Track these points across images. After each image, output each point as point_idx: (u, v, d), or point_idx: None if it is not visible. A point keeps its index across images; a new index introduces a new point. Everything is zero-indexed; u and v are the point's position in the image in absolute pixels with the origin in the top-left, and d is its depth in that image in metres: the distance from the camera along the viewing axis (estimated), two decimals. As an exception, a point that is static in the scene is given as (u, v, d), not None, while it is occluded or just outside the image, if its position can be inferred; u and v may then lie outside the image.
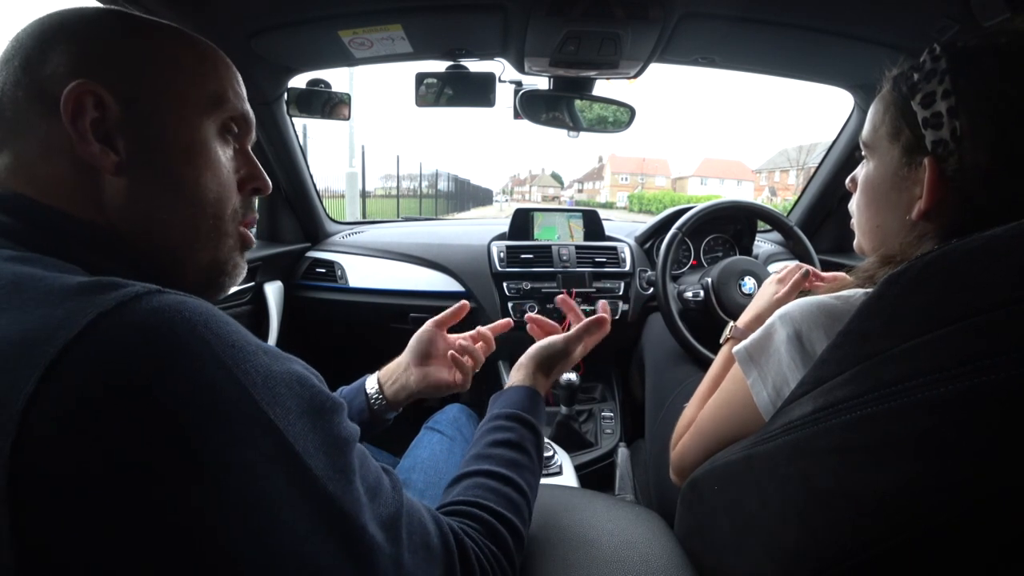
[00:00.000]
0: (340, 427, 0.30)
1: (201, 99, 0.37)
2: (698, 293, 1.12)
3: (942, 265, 0.30)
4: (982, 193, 0.38)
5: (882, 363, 0.31)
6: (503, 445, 0.47)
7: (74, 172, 0.33)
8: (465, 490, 0.43)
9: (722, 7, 0.85)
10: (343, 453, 0.30)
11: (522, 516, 0.43)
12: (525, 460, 0.47)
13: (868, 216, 0.50)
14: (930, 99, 0.40)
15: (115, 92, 0.34)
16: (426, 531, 0.34)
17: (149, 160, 0.35)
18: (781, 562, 0.35)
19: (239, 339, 0.27)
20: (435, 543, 0.34)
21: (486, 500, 0.42)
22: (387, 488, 0.32)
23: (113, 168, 0.34)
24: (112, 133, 0.34)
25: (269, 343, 0.47)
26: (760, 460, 0.40)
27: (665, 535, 0.52)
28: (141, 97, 0.35)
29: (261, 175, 0.43)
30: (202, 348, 0.25)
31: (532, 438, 0.50)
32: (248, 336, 0.28)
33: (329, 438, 0.29)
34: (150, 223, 0.36)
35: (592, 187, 72.41)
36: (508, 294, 1.29)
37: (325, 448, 0.28)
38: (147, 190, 0.35)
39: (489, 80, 1.06)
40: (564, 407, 1.17)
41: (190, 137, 0.37)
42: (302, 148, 1.30)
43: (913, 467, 0.28)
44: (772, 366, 0.45)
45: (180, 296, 0.26)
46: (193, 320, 0.25)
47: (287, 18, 0.88)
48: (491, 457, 0.46)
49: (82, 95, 0.32)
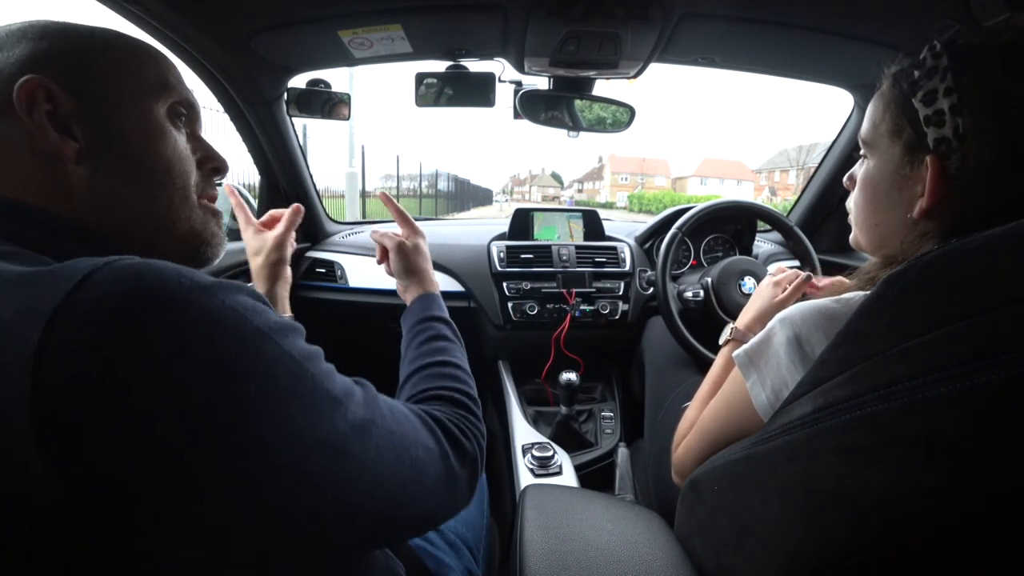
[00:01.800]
0: (308, 343, 0.33)
1: (145, 85, 0.40)
2: (698, 293, 1.12)
3: (942, 265, 0.30)
4: (984, 191, 0.38)
5: (882, 363, 0.31)
6: (427, 343, 0.56)
7: (37, 166, 0.35)
8: (414, 386, 0.50)
9: (722, 7, 0.85)
10: (320, 357, 0.33)
11: (462, 379, 0.52)
12: (447, 344, 0.56)
13: (867, 214, 0.50)
14: (932, 96, 0.40)
15: (64, 85, 0.36)
16: (406, 415, 0.39)
17: (109, 144, 0.37)
18: (781, 562, 0.35)
19: (206, 277, 0.28)
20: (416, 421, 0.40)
21: (432, 384, 0.50)
22: (358, 392, 0.35)
23: (75, 156, 0.36)
24: (69, 123, 0.36)
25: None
26: (760, 460, 0.40)
27: (665, 535, 0.52)
28: (89, 88, 0.37)
29: (217, 155, 0.45)
30: (185, 284, 0.27)
31: (442, 326, 0.59)
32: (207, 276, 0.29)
33: (307, 346, 0.32)
34: (119, 203, 0.38)
35: (592, 187, 72.40)
36: (508, 294, 1.29)
37: (309, 352, 0.32)
38: (111, 172, 0.37)
39: (489, 80, 1.06)
40: (564, 407, 1.17)
41: (143, 119, 0.39)
42: (302, 148, 1.29)
43: (913, 467, 0.28)
44: (771, 369, 0.45)
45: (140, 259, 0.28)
46: (165, 268, 0.27)
47: (287, 18, 0.87)
48: (421, 355, 0.54)
49: (33, 89, 0.34)
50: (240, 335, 0.27)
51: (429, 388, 0.49)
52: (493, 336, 1.32)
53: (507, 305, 1.28)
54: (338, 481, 0.30)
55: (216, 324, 0.26)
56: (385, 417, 0.36)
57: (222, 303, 0.27)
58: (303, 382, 0.29)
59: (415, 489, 0.36)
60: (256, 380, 0.27)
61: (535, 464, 0.95)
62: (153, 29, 0.80)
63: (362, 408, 0.33)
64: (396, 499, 0.34)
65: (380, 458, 0.33)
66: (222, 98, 1.07)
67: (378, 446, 0.33)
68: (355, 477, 0.31)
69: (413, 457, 0.36)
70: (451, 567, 0.60)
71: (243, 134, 1.18)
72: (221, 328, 0.27)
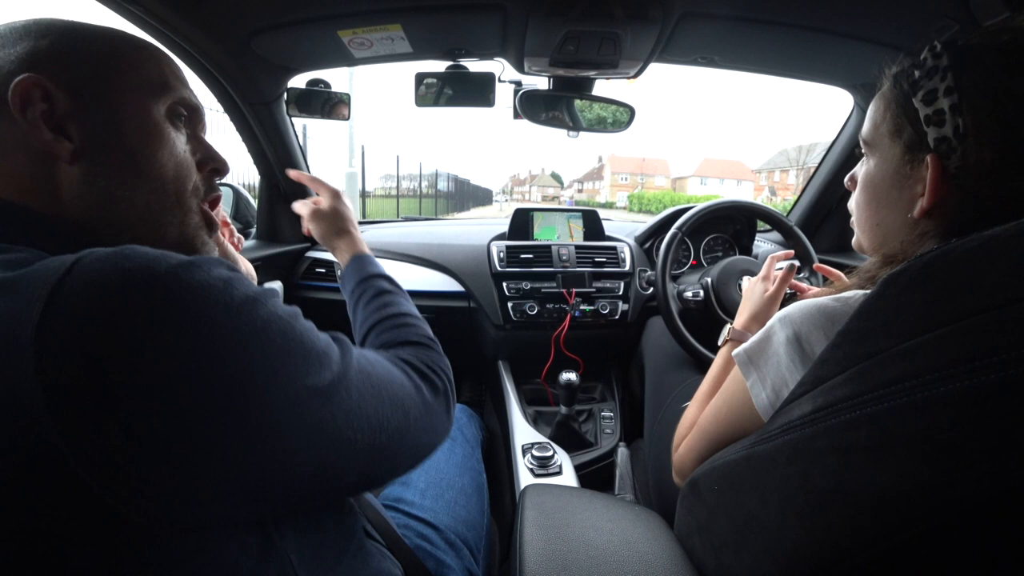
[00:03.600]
0: (285, 304, 0.34)
1: (144, 84, 0.39)
2: (698, 293, 1.12)
3: (942, 265, 0.30)
4: (985, 190, 0.38)
5: (882, 363, 0.31)
6: (372, 299, 0.59)
7: (31, 165, 0.35)
8: (372, 343, 0.53)
9: (722, 7, 0.85)
10: (299, 316, 0.34)
11: (416, 326, 0.55)
12: (391, 297, 0.59)
13: (868, 214, 0.50)
14: (932, 96, 0.40)
15: (62, 84, 0.35)
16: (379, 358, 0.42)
17: (104, 144, 0.37)
18: (781, 562, 0.35)
19: (185, 256, 0.29)
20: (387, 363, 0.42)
21: (391, 337, 0.53)
22: (334, 345, 0.37)
23: (69, 156, 0.35)
24: (64, 123, 0.36)
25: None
26: (760, 460, 0.40)
27: (665, 535, 0.52)
28: (87, 87, 0.36)
29: (217, 156, 0.45)
30: (170, 260, 0.28)
31: (382, 281, 0.61)
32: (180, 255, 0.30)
33: (287, 308, 0.33)
34: (111, 206, 0.37)
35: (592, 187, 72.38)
36: (508, 294, 1.29)
37: (291, 312, 0.33)
38: (105, 173, 0.37)
39: (489, 80, 1.06)
40: (564, 407, 1.16)
41: (141, 119, 0.38)
42: (302, 148, 1.29)
43: (913, 467, 0.28)
44: (771, 368, 0.45)
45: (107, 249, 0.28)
46: (147, 250, 0.28)
47: (287, 18, 0.87)
48: (370, 314, 0.57)
49: (28, 88, 0.34)
50: (229, 303, 0.28)
51: (389, 341, 0.52)
52: (493, 336, 1.32)
53: (507, 305, 1.28)
54: (332, 423, 0.32)
55: (205, 294, 0.28)
56: (361, 363, 0.38)
57: (208, 274, 0.29)
58: (292, 339, 0.31)
59: (400, 421, 0.39)
60: (253, 340, 0.29)
61: (535, 464, 0.95)
62: (153, 29, 0.80)
63: (341, 357, 0.35)
64: (385, 433, 0.37)
65: (363, 399, 0.35)
66: (222, 98, 1.07)
67: (359, 388, 0.35)
68: (346, 416, 0.33)
69: (392, 394, 0.39)
70: (451, 567, 0.60)
71: (243, 134, 1.18)
72: (211, 298, 0.28)
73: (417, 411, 0.42)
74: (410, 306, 0.58)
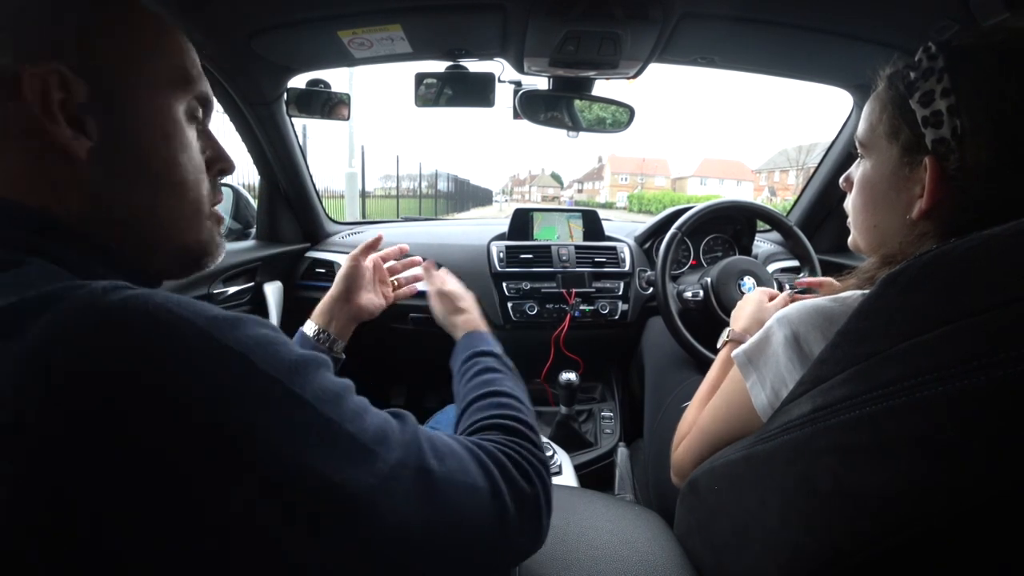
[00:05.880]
0: (333, 377, 0.31)
1: (169, 77, 0.36)
2: (697, 293, 1.12)
3: (941, 265, 0.30)
4: (983, 191, 0.38)
5: (881, 363, 0.31)
6: (475, 377, 0.52)
7: (37, 163, 0.31)
8: (464, 421, 0.46)
9: (722, 7, 0.85)
10: (346, 397, 0.30)
11: (516, 408, 0.47)
12: (496, 375, 0.52)
13: (866, 216, 0.50)
14: (929, 97, 0.40)
15: (80, 70, 0.31)
16: (452, 449, 0.35)
17: (124, 144, 0.33)
18: (781, 562, 0.35)
19: (216, 311, 0.26)
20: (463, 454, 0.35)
21: (483, 415, 0.45)
22: (393, 429, 0.32)
23: (87, 154, 0.32)
24: (81, 116, 0.31)
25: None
26: (759, 460, 0.40)
27: (664, 535, 0.52)
28: (109, 75, 0.33)
29: (226, 155, 0.42)
30: (185, 327, 0.24)
31: (491, 359, 0.55)
32: (218, 309, 0.27)
33: (330, 385, 0.29)
34: (124, 209, 0.34)
35: (592, 187, 72.38)
36: (508, 294, 1.29)
37: (331, 396, 0.29)
38: (125, 176, 0.34)
39: (489, 80, 1.06)
40: (564, 407, 1.17)
41: (163, 118, 0.35)
42: (302, 148, 1.29)
43: (912, 466, 0.28)
44: (770, 368, 0.45)
45: (146, 290, 0.26)
46: (167, 304, 0.25)
47: (287, 18, 0.87)
48: (470, 390, 0.50)
49: (45, 77, 0.30)
50: (246, 378, 0.25)
51: (479, 419, 0.45)
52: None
53: (507, 305, 1.28)
54: (356, 536, 0.27)
55: (222, 366, 0.25)
56: (425, 455, 0.32)
57: (236, 339, 0.26)
58: (320, 428, 0.27)
59: (455, 539, 0.32)
60: (267, 430, 0.25)
61: (535, 464, 0.95)
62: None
63: (398, 449, 0.30)
64: (427, 552, 0.31)
65: (409, 508, 0.30)
66: (222, 98, 1.07)
67: (407, 493, 0.30)
68: (378, 531, 0.28)
69: (456, 505, 0.32)
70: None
71: (243, 134, 1.18)
72: (226, 370, 0.25)
73: (482, 524, 0.34)
74: (515, 387, 0.51)
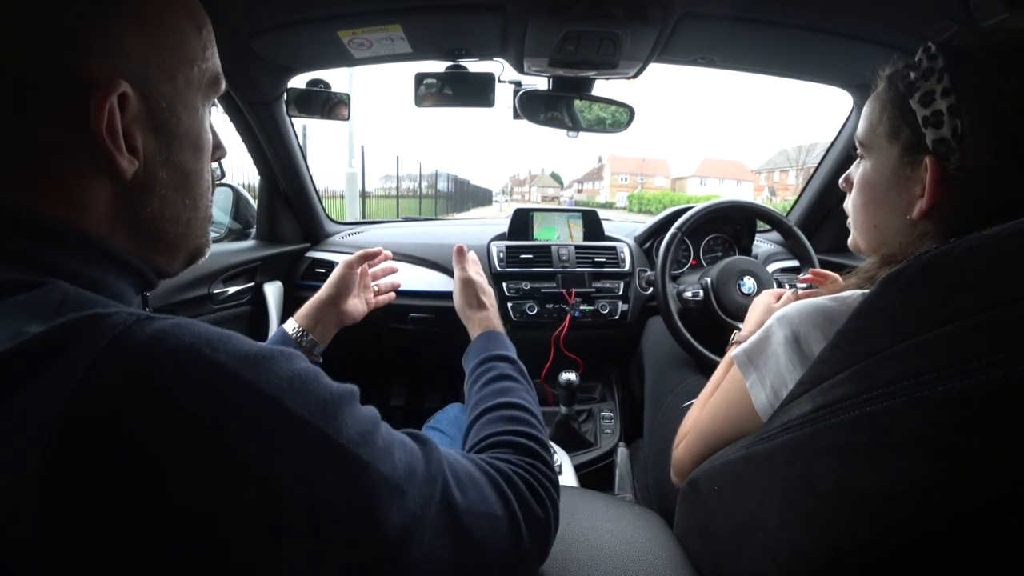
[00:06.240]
0: (363, 411, 0.30)
1: (203, 80, 0.34)
2: (697, 293, 1.12)
3: (941, 264, 0.30)
4: (984, 191, 0.38)
5: (881, 362, 0.31)
6: (489, 383, 0.51)
7: (76, 176, 0.29)
8: (477, 432, 0.46)
9: (722, 7, 0.85)
10: (376, 432, 0.30)
11: (531, 424, 0.46)
12: (512, 384, 0.51)
13: (866, 216, 0.50)
14: (929, 97, 0.40)
15: (134, 82, 0.29)
16: (472, 477, 0.35)
17: (164, 160, 0.32)
18: (781, 562, 0.35)
19: (247, 349, 0.25)
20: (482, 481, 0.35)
21: (496, 429, 0.45)
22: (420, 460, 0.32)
23: (130, 175, 0.29)
24: (130, 133, 0.29)
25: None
26: (759, 459, 0.40)
27: (664, 534, 0.52)
28: (155, 85, 0.30)
29: (222, 144, 0.40)
30: (215, 370, 0.23)
31: (507, 365, 0.54)
32: (253, 343, 0.26)
33: (360, 422, 0.29)
34: (154, 227, 0.33)
35: (592, 187, 72.39)
36: (508, 294, 1.29)
37: (362, 435, 0.28)
38: (159, 191, 0.32)
39: (488, 80, 1.06)
40: (564, 407, 1.17)
41: (197, 127, 0.33)
42: (302, 148, 1.29)
43: (912, 466, 0.28)
44: (770, 368, 0.45)
45: (171, 319, 0.24)
46: (197, 343, 0.23)
47: (287, 18, 0.87)
48: (484, 398, 0.49)
49: (111, 98, 0.27)
50: (279, 422, 0.24)
51: (492, 433, 0.44)
52: (493, 336, 1.32)
53: (507, 305, 1.28)
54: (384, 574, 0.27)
55: (254, 412, 0.24)
56: (449, 486, 0.32)
57: (268, 380, 0.25)
58: (353, 472, 0.27)
59: (472, 569, 0.33)
60: (300, 476, 0.24)
61: (535, 464, 0.95)
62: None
63: (425, 484, 0.30)
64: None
65: (436, 543, 0.30)
66: (222, 98, 1.06)
67: (436, 529, 0.30)
68: (404, 571, 0.28)
69: (479, 538, 0.33)
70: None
71: (243, 134, 1.18)
72: (258, 416, 0.24)
73: (505, 552, 0.34)
74: (530, 399, 0.50)
